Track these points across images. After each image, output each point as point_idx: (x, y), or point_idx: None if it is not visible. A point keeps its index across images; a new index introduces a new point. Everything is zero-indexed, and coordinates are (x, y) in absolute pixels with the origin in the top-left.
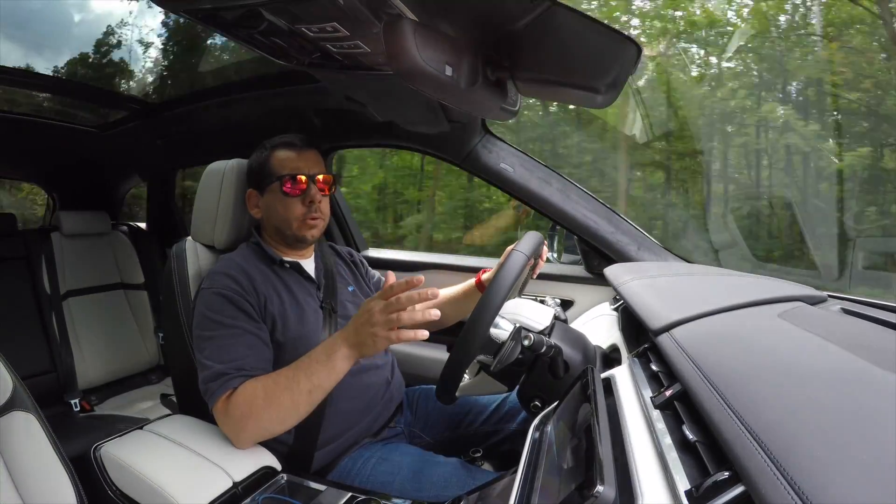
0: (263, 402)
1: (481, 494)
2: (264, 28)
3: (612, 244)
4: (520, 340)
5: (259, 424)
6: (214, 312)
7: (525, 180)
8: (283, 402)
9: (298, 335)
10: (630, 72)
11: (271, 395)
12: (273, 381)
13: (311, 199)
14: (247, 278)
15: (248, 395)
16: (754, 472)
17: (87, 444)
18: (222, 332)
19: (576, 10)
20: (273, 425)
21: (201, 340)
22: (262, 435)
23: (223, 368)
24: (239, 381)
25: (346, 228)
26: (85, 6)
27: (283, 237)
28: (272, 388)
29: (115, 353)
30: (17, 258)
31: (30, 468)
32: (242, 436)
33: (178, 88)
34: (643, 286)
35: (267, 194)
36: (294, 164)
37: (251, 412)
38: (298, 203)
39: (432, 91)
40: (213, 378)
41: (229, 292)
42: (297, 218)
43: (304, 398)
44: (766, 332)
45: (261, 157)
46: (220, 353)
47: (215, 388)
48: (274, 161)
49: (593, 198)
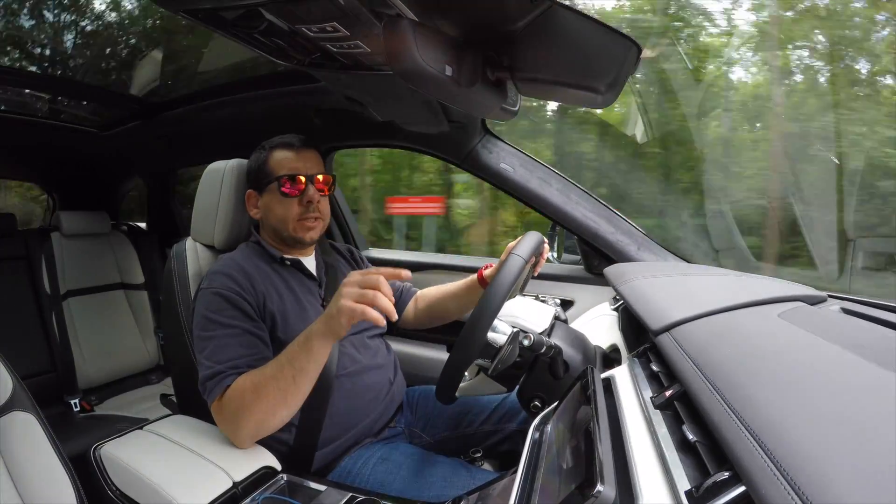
0: (253, 394)
1: (481, 494)
2: (264, 28)
3: (612, 244)
4: (517, 344)
5: (253, 418)
6: (213, 312)
7: (525, 180)
8: (270, 392)
9: (299, 332)
10: (630, 72)
11: (260, 387)
12: (260, 373)
13: (310, 199)
14: (245, 277)
15: (239, 390)
16: (754, 472)
17: (87, 444)
18: (221, 332)
19: (576, 10)
20: (266, 417)
21: (201, 340)
22: (258, 429)
23: (219, 368)
24: (232, 378)
25: (346, 227)
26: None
27: (281, 238)
28: (260, 380)
29: (115, 353)
30: (17, 258)
31: (30, 468)
32: (239, 432)
33: (178, 88)
34: (643, 286)
35: (265, 195)
36: (292, 165)
37: (243, 406)
38: (296, 203)
39: (432, 91)
40: (209, 378)
41: (227, 292)
42: (294, 218)
43: (290, 386)
44: (767, 332)
45: (259, 157)
46: (218, 352)
47: (212, 387)
48: (272, 161)
49: (593, 198)
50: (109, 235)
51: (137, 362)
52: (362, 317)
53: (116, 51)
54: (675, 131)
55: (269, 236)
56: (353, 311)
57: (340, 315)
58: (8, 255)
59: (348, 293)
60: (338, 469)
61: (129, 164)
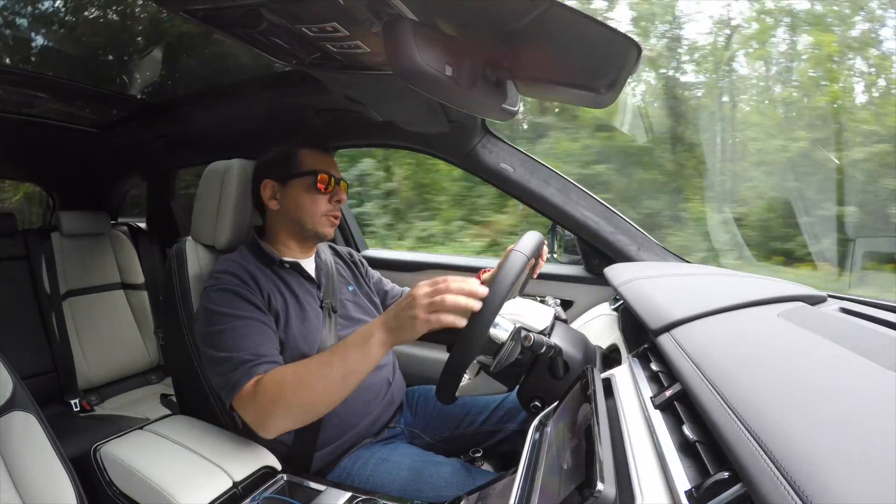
0: (294, 386)
1: (481, 494)
2: (264, 28)
3: (612, 244)
4: (519, 341)
5: (288, 410)
6: (223, 306)
7: (525, 180)
8: (315, 386)
9: (299, 333)
10: (630, 72)
11: (303, 380)
12: (305, 366)
13: (339, 198)
14: (249, 276)
15: (278, 380)
16: (754, 472)
17: (87, 444)
18: (235, 323)
19: (576, 10)
20: (303, 411)
21: (213, 335)
22: (288, 421)
23: (244, 356)
24: (266, 367)
25: (347, 229)
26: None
27: (300, 230)
28: (304, 373)
29: (115, 353)
30: (17, 258)
31: (30, 468)
32: (269, 421)
33: (178, 88)
34: (643, 286)
35: (291, 187)
36: (326, 165)
37: (281, 396)
38: (326, 200)
39: (432, 91)
40: (234, 367)
41: (234, 287)
42: (323, 213)
43: (338, 384)
44: (767, 332)
45: (286, 150)
46: (238, 342)
47: (238, 377)
48: (306, 157)
49: (593, 198)
50: (109, 235)
51: (137, 362)
52: (438, 324)
53: (117, 50)
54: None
55: (281, 229)
56: (429, 322)
57: (416, 326)
58: (8, 255)
59: (421, 305)
60: (338, 469)
61: (129, 164)
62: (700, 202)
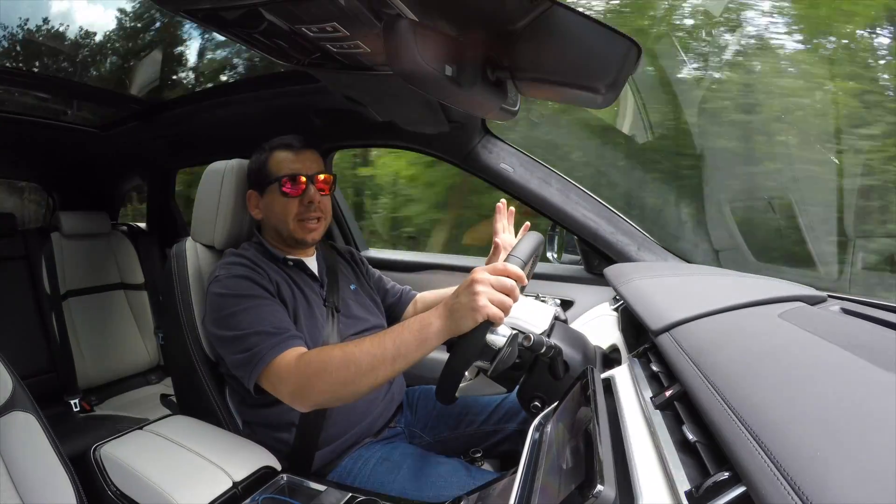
0: (341, 361)
1: (481, 494)
2: (264, 28)
3: (612, 244)
4: (516, 346)
5: (331, 386)
6: (237, 289)
7: (525, 180)
8: (361, 363)
9: (307, 329)
10: (630, 72)
11: (351, 356)
12: (355, 343)
13: (311, 199)
14: (259, 266)
15: (325, 354)
16: (754, 472)
17: (87, 444)
18: (253, 303)
19: (576, 10)
20: (344, 388)
21: (228, 318)
22: (327, 397)
23: (268, 329)
24: (296, 340)
25: (346, 228)
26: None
27: (282, 238)
28: (353, 349)
29: (115, 353)
30: (17, 258)
31: (30, 468)
32: (308, 393)
33: (178, 88)
34: (643, 286)
35: (267, 195)
36: (293, 165)
37: (325, 370)
38: (297, 203)
39: (432, 91)
40: (259, 342)
41: (247, 273)
42: (294, 218)
43: (387, 364)
44: (767, 332)
45: (260, 158)
46: (259, 318)
47: (265, 351)
48: (273, 162)
49: (593, 198)
50: (109, 235)
51: (137, 362)
52: (496, 321)
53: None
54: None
55: (270, 237)
56: (496, 317)
57: (476, 313)
58: (8, 255)
59: (485, 292)
60: (338, 469)
61: (129, 164)
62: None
